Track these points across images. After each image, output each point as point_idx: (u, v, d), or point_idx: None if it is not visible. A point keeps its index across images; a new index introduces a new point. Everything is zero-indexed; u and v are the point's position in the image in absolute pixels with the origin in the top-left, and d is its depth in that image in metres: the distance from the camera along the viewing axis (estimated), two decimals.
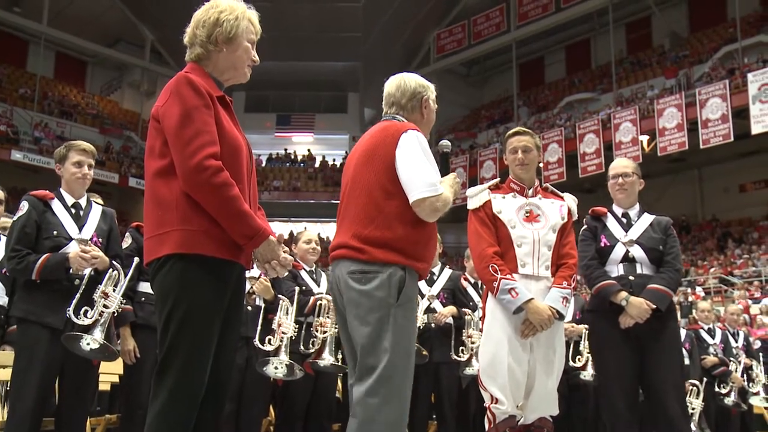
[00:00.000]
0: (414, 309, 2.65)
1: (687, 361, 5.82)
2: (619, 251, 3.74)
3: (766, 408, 6.74)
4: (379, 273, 2.53)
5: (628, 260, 3.72)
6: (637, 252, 3.71)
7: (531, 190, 3.48)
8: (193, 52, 2.34)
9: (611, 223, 3.84)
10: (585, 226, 3.92)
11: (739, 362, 6.28)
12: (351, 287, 2.57)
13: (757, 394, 6.32)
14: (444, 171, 2.77)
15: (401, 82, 2.81)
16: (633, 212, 3.86)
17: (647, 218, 3.83)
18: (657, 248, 3.71)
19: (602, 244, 3.79)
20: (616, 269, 3.73)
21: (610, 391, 3.67)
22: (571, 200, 3.57)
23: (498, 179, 3.63)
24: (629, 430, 3.58)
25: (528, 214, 3.40)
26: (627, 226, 3.80)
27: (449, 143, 2.97)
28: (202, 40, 2.31)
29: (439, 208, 2.55)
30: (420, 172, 2.55)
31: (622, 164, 3.97)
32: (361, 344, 2.54)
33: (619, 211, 3.88)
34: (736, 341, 6.60)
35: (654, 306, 3.53)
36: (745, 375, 6.30)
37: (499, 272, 3.24)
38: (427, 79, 2.89)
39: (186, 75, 2.23)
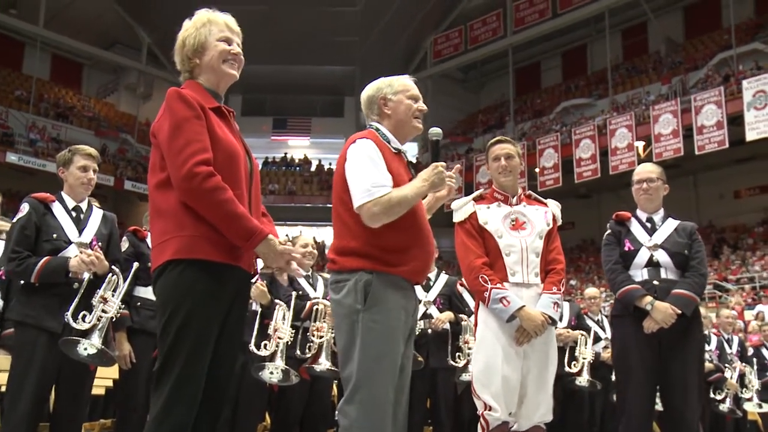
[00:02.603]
0: (389, 311, 2.55)
1: None
2: (643, 255, 3.72)
3: (759, 414, 6.75)
4: (347, 280, 2.57)
5: (652, 264, 3.70)
6: (661, 256, 3.69)
7: (515, 198, 3.49)
8: (183, 76, 2.47)
9: (635, 228, 3.83)
10: (609, 231, 3.90)
11: (734, 368, 6.29)
12: (331, 298, 2.67)
13: (750, 399, 6.33)
14: (434, 158, 2.72)
15: (362, 95, 2.92)
16: (657, 217, 3.84)
17: (672, 223, 3.82)
18: (682, 252, 3.69)
19: (626, 248, 3.78)
20: (640, 274, 3.71)
21: (627, 394, 3.65)
22: (554, 206, 3.57)
23: (481, 190, 3.63)
24: None
25: (514, 222, 3.40)
26: (651, 231, 3.79)
27: (440, 130, 2.85)
28: (182, 63, 2.45)
29: (376, 213, 2.50)
30: (356, 180, 2.57)
31: (646, 169, 3.95)
32: (339, 354, 2.61)
33: (643, 215, 3.87)
34: (730, 347, 6.61)
35: (679, 311, 3.52)
36: (738, 381, 6.31)
37: (489, 282, 3.24)
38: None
39: (176, 89, 2.30)
